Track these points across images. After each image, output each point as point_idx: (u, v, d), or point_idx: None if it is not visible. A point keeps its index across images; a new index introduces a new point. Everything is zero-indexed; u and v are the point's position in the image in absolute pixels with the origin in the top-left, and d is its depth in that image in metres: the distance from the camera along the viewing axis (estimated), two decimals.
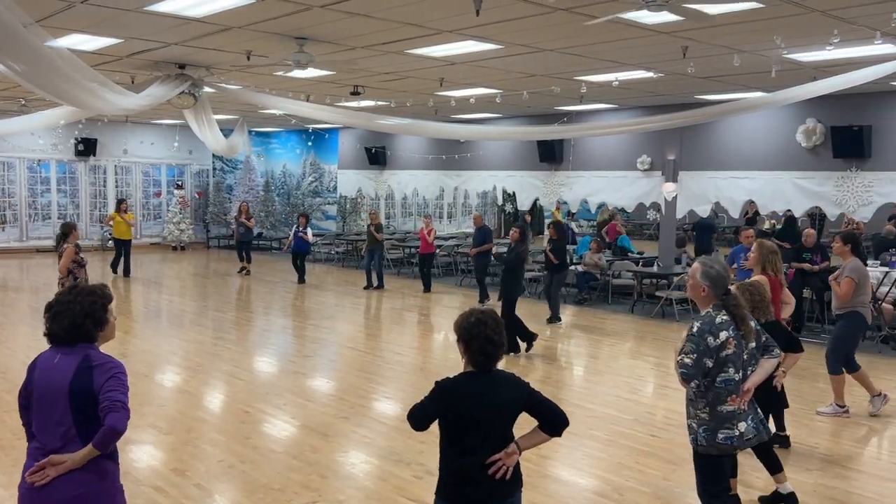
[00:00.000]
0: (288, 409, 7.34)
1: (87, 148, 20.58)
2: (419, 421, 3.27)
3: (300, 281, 16.00)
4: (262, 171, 23.65)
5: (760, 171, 12.69)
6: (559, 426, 3.33)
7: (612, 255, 15.54)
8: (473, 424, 3.18)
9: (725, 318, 3.98)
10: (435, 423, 3.26)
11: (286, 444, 6.42)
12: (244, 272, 17.07)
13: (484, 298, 13.48)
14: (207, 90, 10.74)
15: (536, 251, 16.60)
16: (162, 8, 7.21)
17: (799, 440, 6.57)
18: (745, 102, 10.17)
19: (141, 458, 5.98)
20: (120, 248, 16.19)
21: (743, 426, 4.03)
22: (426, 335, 11.43)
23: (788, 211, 13.44)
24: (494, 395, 3.22)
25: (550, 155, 15.70)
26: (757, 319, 4.87)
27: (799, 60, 8.72)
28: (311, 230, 16.51)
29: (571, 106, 13.89)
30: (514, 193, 17.83)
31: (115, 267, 16.20)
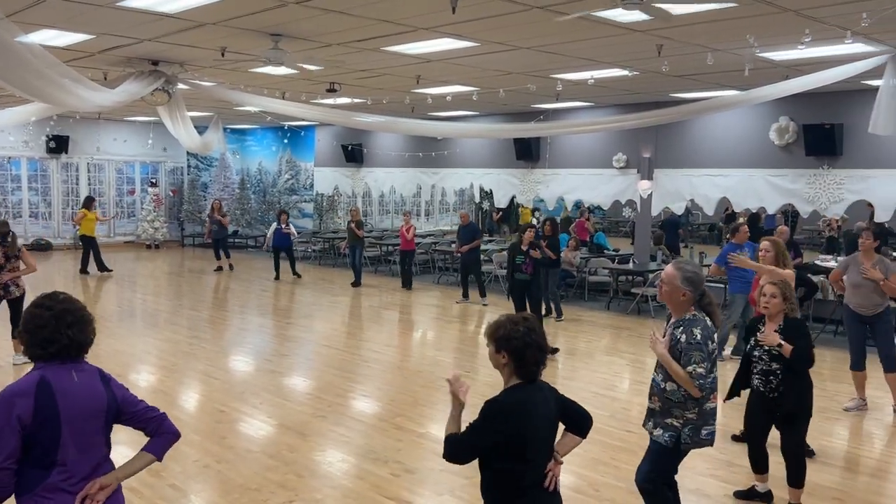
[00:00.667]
0: (264, 408, 7.30)
1: (58, 145, 20.29)
2: (468, 451, 2.99)
3: (294, 274, 16.22)
4: (237, 168, 23.47)
5: (734, 168, 12.81)
6: (585, 427, 3.19)
7: (587, 252, 15.62)
8: (534, 440, 2.98)
9: (708, 320, 4.05)
10: None
11: (262, 443, 6.39)
12: (220, 270, 17.04)
13: (482, 296, 13.41)
14: (181, 87, 10.64)
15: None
16: (134, 3, 7.13)
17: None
18: (718, 101, 10.26)
19: (115, 459, 5.89)
20: (87, 245, 16.11)
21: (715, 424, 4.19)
22: (404, 333, 11.42)
23: (761, 208, 13.60)
24: (546, 405, 3.05)
25: (527, 153, 15.74)
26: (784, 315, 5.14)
27: (772, 59, 8.82)
28: (292, 227, 16.55)
29: (548, 104, 13.93)
30: (491, 191, 17.85)
31: (84, 267, 16.05)
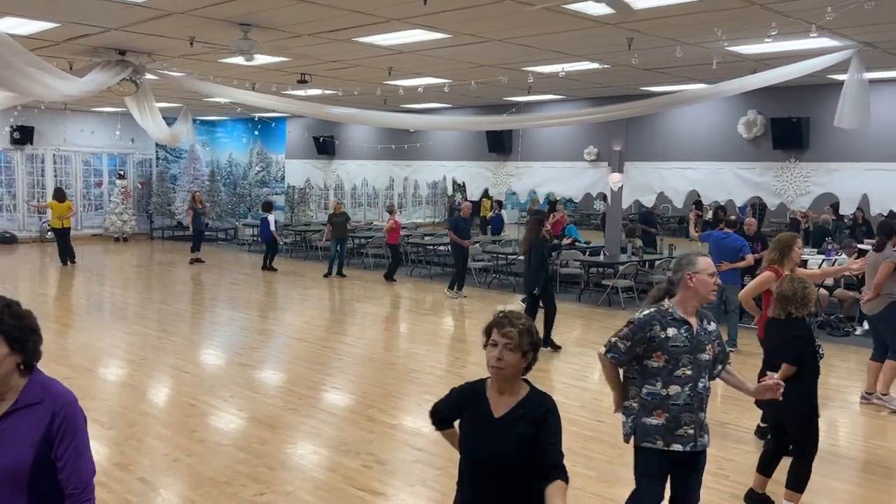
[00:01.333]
0: (235, 401, 7.25)
1: (23, 136, 19.89)
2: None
3: (270, 268, 16.25)
4: (207, 160, 23.20)
5: (703, 161, 12.95)
6: None
7: (559, 245, 15.70)
8: None
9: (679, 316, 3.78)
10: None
11: (233, 436, 6.34)
12: (201, 261, 17.05)
13: (459, 289, 13.47)
14: (149, 77, 10.49)
15: (486, 240, 16.71)
16: None
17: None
18: (687, 94, 10.36)
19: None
20: (61, 237, 16.00)
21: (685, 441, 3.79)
22: (377, 325, 11.39)
23: (729, 200, 13.76)
24: None
25: (499, 145, 15.77)
26: (788, 315, 4.83)
27: (740, 53, 8.92)
28: (271, 218, 16.41)
29: (520, 97, 13.97)
30: (463, 184, 17.87)
31: (64, 259, 15.98)
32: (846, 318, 11.08)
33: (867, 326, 10.91)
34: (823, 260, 11.73)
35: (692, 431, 3.74)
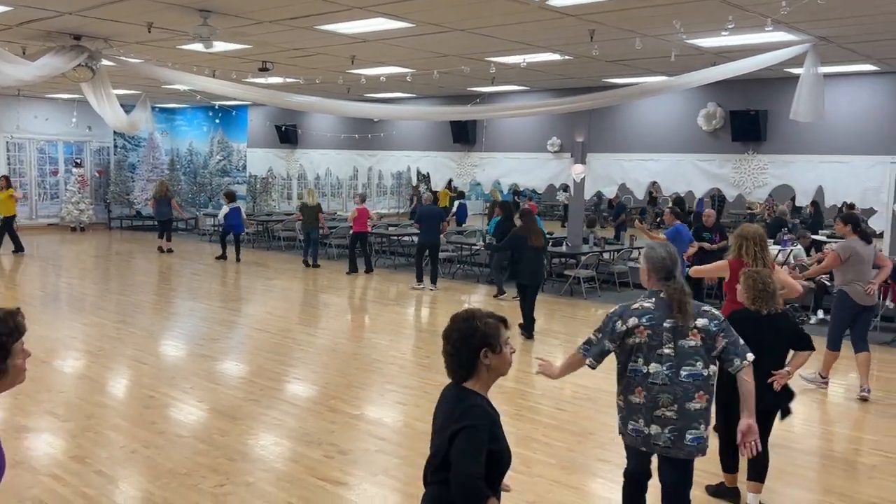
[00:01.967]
0: (195, 392, 7.18)
1: None
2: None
3: (224, 257, 16.16)
4: (167, 149, 22.81)
5: (664, 153, 13.11)
6: None
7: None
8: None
9: (647, 305, 3.83)
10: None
11: (193, 428, 6.28)
12: (169, 251, 16.89)
13: (419, 280, 13.46)
14: (106, 63, 10.28)
15: (451, 231, 16.71)
16: None
17: None
18: (648, 86, 10.46)
19: (38, 446, 5.74)
20: (7, 226, 15.70)
21: (655, 429, 3.82)
22: (338, 316, 11.35)
23: (689, 192, 13.95)
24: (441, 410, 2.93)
25: (464, 136, 15.77)
26: (759, 310, 4.73)
27: (700, 46, 9.03)
28: (225, 208, 16.26)
29: (484, 87, 13.97)
30: (428, 174, 17.85)
31: (18, 247, 15.73)
32: (801, 307, 11.33)
33: (821, 315, 11.22)
34: (780, 251, 11.96)
35: (671, 414, 3.79)
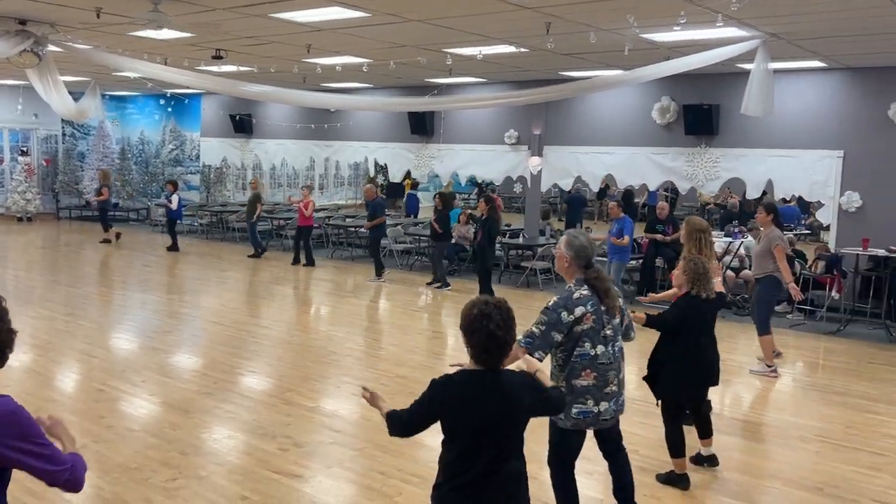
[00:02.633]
0: (147, 386, 7.06)
1: None
2: (404, 426, 2.98)
3: (173, 249, 15.87)
4: (117, 137, 22.29)
5: (619, 146, 13.26)
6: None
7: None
8: (473, 428, 2.86)
9: (585, 293, 3.98)
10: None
11: (144, 421, 6.18)
12: (109, 242, 16.47)
13: (380, 272, 13.40)
14: (53, 49, 9.99)
15: (409, 223, 16.69)
16: None
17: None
18: (603, 79, 10.57)
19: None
20: None
21: (604, 406, 4.06)
22: (296, 308, 11.26)
23: (643, 184, 14.15)
24: (501, 395, 2.90)
25: (421, 127, 15.73)
26: (699, 294, 5.07)
27: (653, 40, 9.14)
28: (176, 197, 16.02)
29: (442, 79, 13.95)
30: (385, 165, 17.77)
31: None
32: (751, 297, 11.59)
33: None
34: (730, 242, 12.22)
35: (615, 388, 4.13)
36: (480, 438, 2.86)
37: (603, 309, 4.02)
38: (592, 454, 4.66)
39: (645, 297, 11.50)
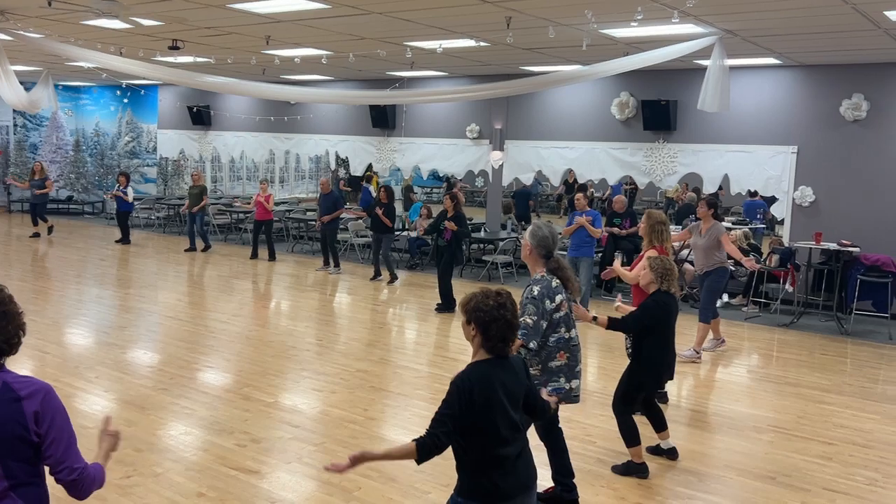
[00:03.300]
0: (101, 382, 6.93)
1: None
2: (446, 438, 2.89)
3: (124, 241, 15.59)
4: (71, 129, 21.80)
5: (579, 141, 13.36)
6: (540, 415, 3.36)
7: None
8: (500, 413, 2.96)
9: (556, 281, 4.29)
10: None
11: (98, 418, 6.02)
12: (38, 236, 16.09)
13: (336, 266, 13.34)
14: (3, 38, 9.72)
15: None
16: None
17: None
18: (562, 74, 10.63)
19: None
20: None
21: (574, 383, 4.44)
22: (254, 303, 11.14)
23: (602, 179, 14.28)
24: (513, 381, 3.06)
25: (383, 121, 15.66)
26: (668, 290, 5.24)
27: (612, 36, 9.22)
28: (131, 190, 15.76)
29: (403, 72, 13.90)
30: (347, 158, 17.67)
31: None
32: None
33: (726, 299, 11.71)
34: None
35: (581, 367, 4.56)
36: (509, 423, 2.99)
37: (569, 296, 4.40)
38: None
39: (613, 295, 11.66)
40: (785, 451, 5.92)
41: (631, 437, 5.24)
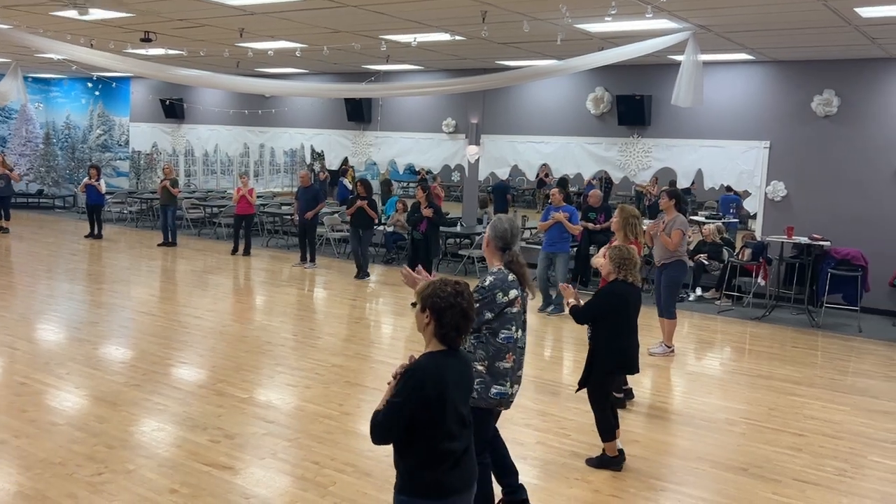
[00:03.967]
0: (72, 378, 6.83)
1: None
2: (395, 424, 2.84)
3: (97, 236, 15.45)
4: (42, 121, 21.45)
5: (554, 136, 13.40)
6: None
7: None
8: (450, 407, 2.91)
9: (512, 277, 4.11)
10: None
11: (69, 415, 5.98)
12: (4, 231, 15.81)
13: (311, 261, 13.26)
14: None
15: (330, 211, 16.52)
16: None
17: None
18: (537, 69, 10.65)
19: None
20: None
21: (515, 388, 4.18)
22: (229, 298, 11.05)
23: (577, 174, 14.34)
24: (462, 375, 3.03)
25: (359, 114, 15.59)
26: (625, 279, 5.32)
27: (587, 31, 9.24)
28: (103, 182, 15.58)
29: (378, 65, 13.84)
30: (322, 152, 17.57)
31: None
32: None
33: (699, 293, 11.82)
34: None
35: (522, 372, 4.27)
36: (457, 417, 2.95)
37: (522, 294, 4.15)
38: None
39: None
40: (756, 442, 6.00)
41: (607, 431, 5.27)
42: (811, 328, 10.18)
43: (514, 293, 4.07)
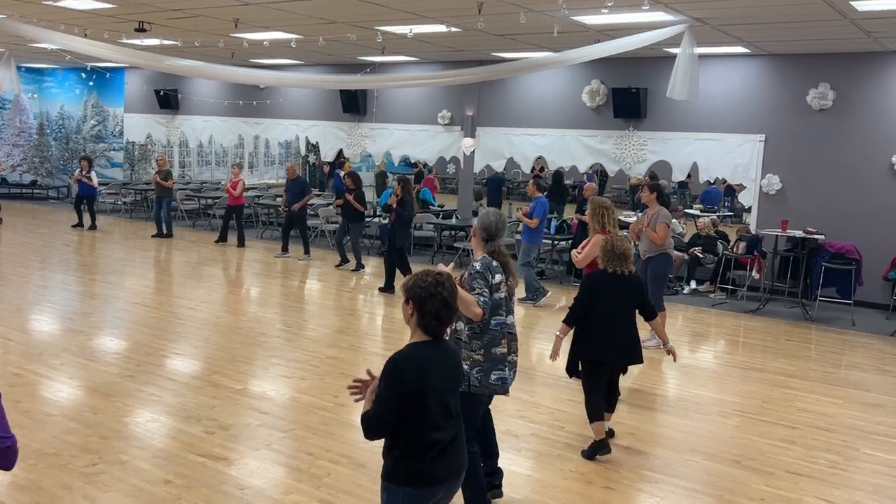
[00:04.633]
0: (66, 369, 6.82)
1: None
2: (387, 418, 2.90)
3: (91, 227, 15.38)
4: (35, 112, 21.33)
5: (550, 128, 13.39)
6: None
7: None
8: (434, 398, 2.95)
9: (496, 263, 4.31)
10: None
11: (63, 406, 5.97)
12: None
13: (306, 252, 13.26)
14: None
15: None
16: None
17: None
18: (533, 61, 10.63)
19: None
20: None
21: (510, 373, 4.35)
22: (223, 289, 11.03)
23: (573, 166, 14.31)
24: (447, 365, 3.07)
25: (354, 106, 15.55)
26: (605, 269, 5.43)
27: (584, 23, 9.22)
28: (94, 174, 15.53)
29: (374, 57, 13.80)
30: (317, 144, 17.52)
31: None
32: (675, 277, 11.90)
33: (694, 286, 11.84)
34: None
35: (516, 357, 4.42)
36: (442, 407, 2.99)
37: (509, 280, 4.36)
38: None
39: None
40: (750, 434, 6.02)
41: (594, 412, 5.30)
42: (805, 321, 10.22)
43: (499, 277, 4.27)
